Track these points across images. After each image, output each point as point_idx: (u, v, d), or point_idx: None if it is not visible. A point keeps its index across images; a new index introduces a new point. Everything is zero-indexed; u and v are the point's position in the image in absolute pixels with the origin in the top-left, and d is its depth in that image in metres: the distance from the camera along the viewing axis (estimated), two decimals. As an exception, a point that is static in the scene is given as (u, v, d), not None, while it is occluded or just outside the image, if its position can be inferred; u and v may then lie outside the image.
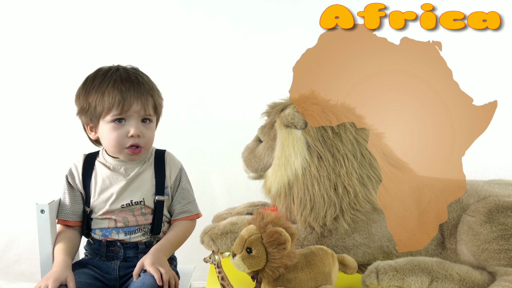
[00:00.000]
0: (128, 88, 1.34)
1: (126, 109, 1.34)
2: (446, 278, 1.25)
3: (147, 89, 1.37)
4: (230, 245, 1.51)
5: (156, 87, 1.43)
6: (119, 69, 1.40)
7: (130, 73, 1.38)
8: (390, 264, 1.28)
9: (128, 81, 1.36)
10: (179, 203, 1.46)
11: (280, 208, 1.57)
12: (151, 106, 1.38)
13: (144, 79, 1.40)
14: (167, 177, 1.45)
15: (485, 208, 1.36)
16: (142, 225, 1.42)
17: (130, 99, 1.33)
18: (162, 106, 1.44)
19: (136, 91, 1.35)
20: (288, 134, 1.54)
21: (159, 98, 1.42)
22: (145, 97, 1.36)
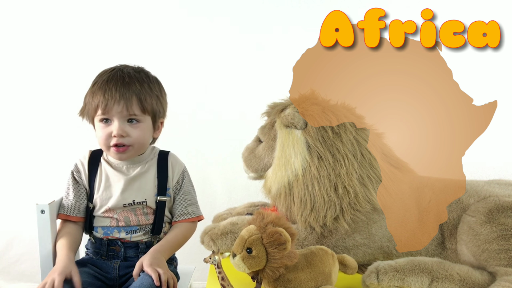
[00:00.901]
0: (110, 89, 1.36)
1: (108, 110, 1.36)
2: (446, 278, 1.25)
3: (132, 89, 1.37)
4: (230, 245, 1.51)
5: (150, 87, 1.41)
6: (115, 69, 1.41)
7: (120, 73, 1.39)
8: (390, 264, 1.28)
9: (113, 81, 1.37)
10: (180, 204, 1.47)
11: (280, 208, 1.57)
12: (136, 106, 1.37)
13: (133, 79, 1.39)
14: (169, 178, 1.46)
15: (485, 208, 1.36)
16: (144, 225, 1.42)
17: (111, 100, 1.35)
18: (159, 106, 1.43)
19: (119, 92, 1.36)
20: (288, 134, 1.54)
21: (151, 98, 1.40)
22: (128, 97, 1.36)
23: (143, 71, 1.43)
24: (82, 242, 1.45)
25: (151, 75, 1.44)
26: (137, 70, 1.43)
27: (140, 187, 1.43)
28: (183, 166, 1.49)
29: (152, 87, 1.42)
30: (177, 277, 1.44)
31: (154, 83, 1.43)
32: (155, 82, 1.44)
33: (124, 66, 1.43)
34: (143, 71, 1.44)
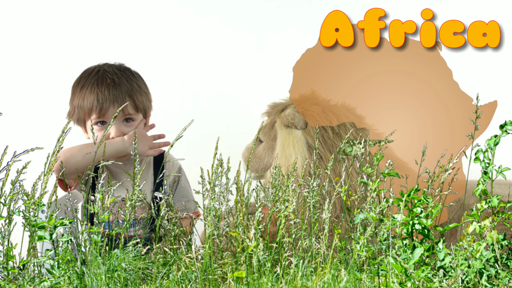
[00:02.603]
0: (102, 92, 1.38)
1: (104, 113, 1.38)
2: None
3: (124, 90, 1.40)
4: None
5: (138, 85, 1.44)
6: (100, 70, 1.43)
7: (108, 75, 1.41)
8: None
9: (104, 84, 1.39)
10: (178, 201, 1.48)
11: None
12: (130, 106, 1.41)
13: (122, 79, 1.41)
14: (165, 175, 1.46)
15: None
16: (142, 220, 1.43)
17: (106, 104, 1.37)
18: (147, 102, 1.46)
19: (112, 95, 1.38)
20: (288, 134, 1.54)
21: (141, 96, 1.44)
22: (122, 98, 1.39)
23: (126, 69, 1.46)
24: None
25: (134, 71, 1.47)
26: (120, 68, 1.46)
27: (138, 183, 1.43)
28: (179, 164, 1.52)
29: (140, 84, 1.45)
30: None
31: (139, 79, 1.46)
32: (139, 78, 1.47)
33: (106, 65, 1.45)
34: (126, 68, 1.46)
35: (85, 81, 1.42)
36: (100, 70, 1.42)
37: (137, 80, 1.45)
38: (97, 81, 1.40)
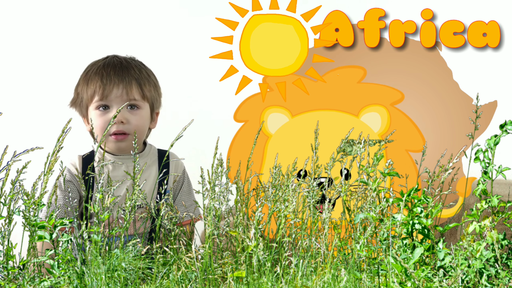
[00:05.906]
0: (108, 73, 1.31)
1: (107, 94, 1.31)
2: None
3: (131, 73, 1.33)
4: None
5: (147, 73, 1.38)
6: (109, 56, 1.37)
7: (116, 59, 1.35)
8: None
9: (110, 66, 1.32)
10: (181, 206, 1.45)
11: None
12: (136, 90, 1.33)
13: (131, 64, 1.35)
14: (170, 177, 1.43)
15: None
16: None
17: (110, 84, 1.30)
18: (156, 95, 1.40)
19: (117, 75, 1.31)
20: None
21: (150, 85, 1.37)
22: (127, 81, 1.31)
23: (137, 59, 1.41)
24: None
25: (146, 65, 1.42)
26: (131, 58, 1.41)
27: (141, 186, 1.41)
28: (183, 166, 1.48)
29: (149, 74, 1.39)
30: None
31: (149, 71, 1.40)
32: (150, 71, 1.41)
33: (116, 55, 1.40)
34: (137, 59, 1.41)
35: (90, 67, 1.36)
36: (109, 57, 1.37)
37: (147, 70, 1.38)
38: (104, 64, 1.34)
